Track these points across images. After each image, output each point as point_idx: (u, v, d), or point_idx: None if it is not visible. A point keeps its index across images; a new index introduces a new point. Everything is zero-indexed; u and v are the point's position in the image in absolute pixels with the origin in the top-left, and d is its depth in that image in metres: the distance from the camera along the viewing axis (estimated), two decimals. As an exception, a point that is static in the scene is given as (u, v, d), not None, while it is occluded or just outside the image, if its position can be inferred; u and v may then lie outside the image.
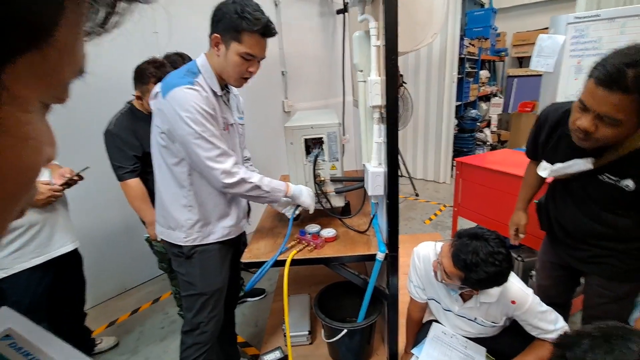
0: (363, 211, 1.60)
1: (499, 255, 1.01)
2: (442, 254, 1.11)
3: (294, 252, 1.30)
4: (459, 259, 1.03)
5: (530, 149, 1.36)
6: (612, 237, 1.16)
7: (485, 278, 1.01)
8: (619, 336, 0.66)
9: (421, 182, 4.52)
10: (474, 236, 1.06)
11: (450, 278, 1.08)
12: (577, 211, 1.20)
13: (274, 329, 1.79)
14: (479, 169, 2.17)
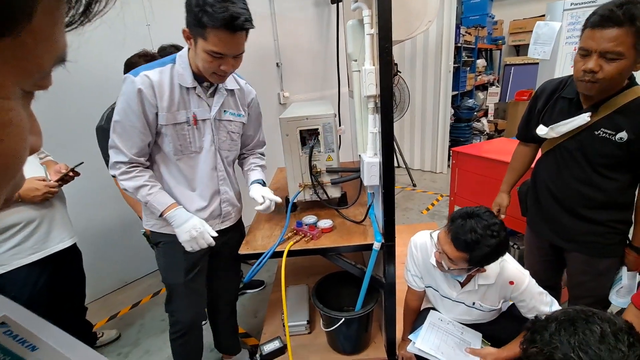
0: (359, 201, 1.61)
1: (494, 226, 1.04)
2: (442, 243, 1.12)
3: (291, 244, 1.31)
4: (459, 242, 1.04)
5: (522, 127, 1.44)
6: (598, 204, 1.23)
7: (489, 252, 1.03)
8: (583, 319, 0.69)
9: (418, 173, 4.53)
10: (467, 215, 1.07)
11: (456, 263, 1.09)
12: (569, 175, 1.26)
13: (273, 319, 1.81)
14: (475, 158, 2.18)
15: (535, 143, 1.43)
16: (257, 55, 2.99)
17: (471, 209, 1.10)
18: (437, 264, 1.19)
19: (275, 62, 3.26)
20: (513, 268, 1.19)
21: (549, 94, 1.30)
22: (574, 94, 1.22)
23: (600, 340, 0.65)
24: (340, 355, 1.57)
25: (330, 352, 1.59)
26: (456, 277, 1.21)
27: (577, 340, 0.66)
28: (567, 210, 1.30)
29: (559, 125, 1.22)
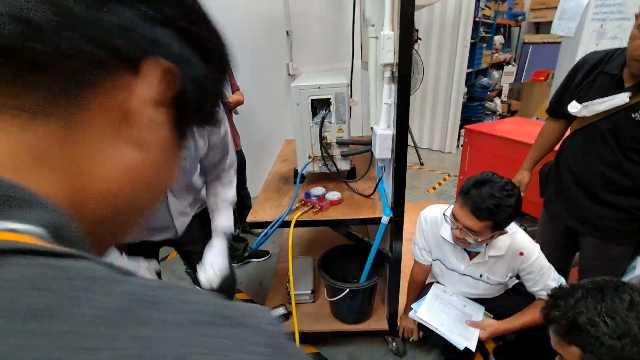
0: (369, 175, 1.59)
1: (508, 185, 1.04)
2: (461, 218, 1.09)
3: (299, 214, 1.30)
4: (481, 210, 1.03)
5: (555, 101, 1.36)
6: (623, 189, 1.19)
7: (512, 211, 1.03)
8: (612, 288, 0.68)
9: (426, 152, 4.47)
10: (479, 184, 1.06)
11: (481, 233, 1.08)
12: (596, 157, 1.22)
13: (278, 288, 1.85)
14: (488, 137, 2.13)
15: (566, 119, 1.36)
16: (265, 23, 2.87)
17: (479, 177, 1.09)
18: (458, 241, 1.17)
19: (285, 30, 3.14)
20: (524, 239, 1.19)
21: (591, 66, 1.21)
22: (617, 69, 1.14)
23: (629, 308, 0.65)
24: (342, 324, 1.61)
25: (333, 321, 1.63)
26: (476, 249, 1.20)
27: (605, 307, 0.66)
28: (588, 193, 1.27)
29: (593, 104, 1.16)
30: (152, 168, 0.25)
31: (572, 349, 0.69)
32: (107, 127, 0.21)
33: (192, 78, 0.24)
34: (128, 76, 0.21)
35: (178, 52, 0.23)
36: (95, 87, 0.20)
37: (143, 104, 0.22)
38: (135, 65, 0.21)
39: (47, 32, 0.17)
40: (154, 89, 0.22)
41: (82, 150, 0.20)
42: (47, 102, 0.18)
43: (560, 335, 0.72)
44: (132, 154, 0.23)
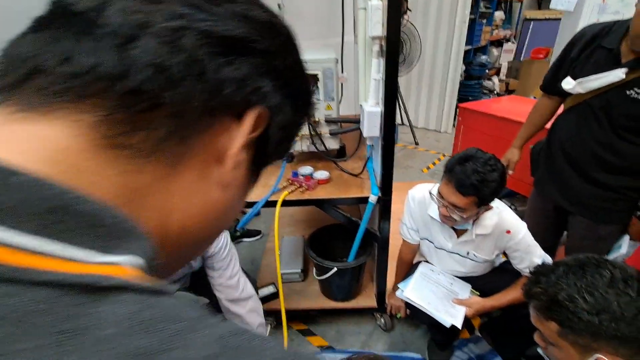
0: (358, 155, 1.56)
1: (491, 160, 1.04)
2: (446, 196, 1.08)
3: (286, 193, 1.29)
4: (467, 187, 1.02)
5: (550, 77, 1.32)
6: (614, 168, 1.18)
7: (496, 186, 1.02)
8: (594, 264, 0.68)
9: (422, 131, 4.42)
10: (462, 160, 1.05)
11: (467, 210, 1.07)
12: (588, 136, 1.20)
13: (269, 266, 1.86)
14: (483, 116, 2.09)
15: (560, 96, 1.32)
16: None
17: (463, 153, 1.08)
18: (445, 219, 1.16)
19: (277, 3, 3.01)
20: (511, 217, 1.19)
21: (588, 40, 1.17)
22: (615, 44, 1.09)
23: (609, 284, 0.65)
24: (331, 302, 1.63)
25: (323, 299, 1.65)
26: (463, 227, 1.20)
27: (585, 283, 0.66)
28: (579, 172, 1.26)
29: (588, 80, 1.12)
30: (228, 206, 0.26)
31: (551, 324, 0.70)
32: (203, 168, 0.22)
33: (280, 124, 0.25)
34: (230, 122, 0.22)
35: (275, 102, 0.24)
36: (203, 132, 0.21)
37: (238, 149, 0.23)
38: (240, 113, 0.22)
39: (175, 79, 0.19)
40: (249, 135, 0.23)
41: (177, 187, 0.21)
42: (160, 144, 0.19)
43: (540, 311, 0.72)
44: (216, 192, 0.24)
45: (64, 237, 0.15)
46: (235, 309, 1.19)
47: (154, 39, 0.18)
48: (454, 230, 1.25)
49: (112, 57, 0.18)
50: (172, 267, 0.26)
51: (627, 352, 0.63)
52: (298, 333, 1.66)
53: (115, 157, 0.18)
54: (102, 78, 0.17)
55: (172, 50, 0.18)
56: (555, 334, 0.69)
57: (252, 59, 0.22)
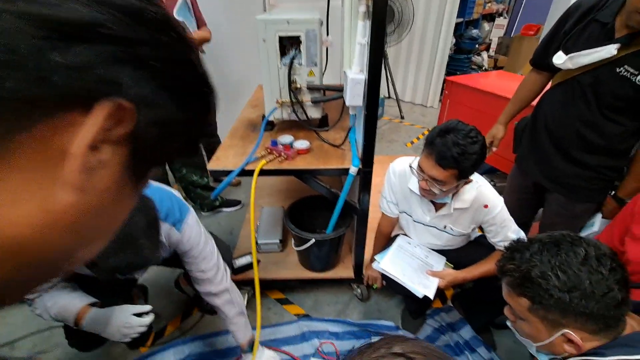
0: (340, 125, 1.51)
1: (472, 132, 1.02)
2: (427, 169, 1.07)
3: (263, 162, 1.24)
4: (447, 159, 1.00)
5: (540, 50, 1.29)
6: (595, 148, 1.19)
7: (476, 158, 1.01)
8: (568, 242, 0.68)
9: (408, 105, 4.37)
10: (443, 132, 1.03)
11: (447, 183, 1.06)
12: (573, 114, 1.20)
13: (247, 237, 1.84)
14: (470, 90, 2.05)
15: (549, 72, 1.30)
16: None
17: (444, 125, 1.05)
18: (425, 193, 1.15)
19: (262, -42, 2.79)
20: (489, 192, 1.19)
21: (583, 12, 1.13)
22: (610, 18, 1.06)
23: (583, 262, 0.65)
24: (309, 272, 1.64)
25: (301, 269, 1.66)
26: (443, 200, 1.19)
27: (558, 261, 0.66)
28: (560, 151, 1.26)
29: (579, 55, 1.10)
30: (93, 213, 0.22)
31: (522, 300, 0.71)
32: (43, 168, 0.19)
33: (153, 119, 0.22)
34: (76, 116, 0.19)
35: (142, 94, 0.21)
36: (35, 125, 0.18)
37: (88, 146, 0.20)
38: (86, 106, 0.19)
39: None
40: (103, 130, 0.20)
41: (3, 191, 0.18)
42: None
43: (512, 287, 0.73)
44: (65, 196, 0.20)
45: None
46: (211, 300, 1.16)
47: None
48: (432, 204, 1.25)
49: None
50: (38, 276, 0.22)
51: (593, 327, 0.65)
52: (276, 302, 1.68)
53: None
54: None
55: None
56: (526, 309, 0.70)
57: (99, 47, 0.19)
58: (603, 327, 0.64)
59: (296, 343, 1.47)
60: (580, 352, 0.66)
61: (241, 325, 1.21)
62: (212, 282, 1.13)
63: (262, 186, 2.27)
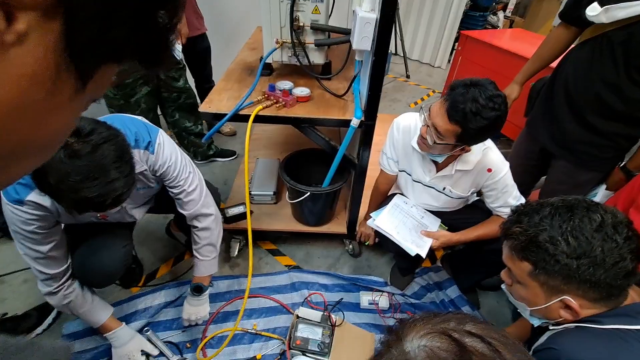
0: (344, 74, 1.42)
1: (498, 98, 0.93)
2: (434, 115, 1.00)
3: (260, 108, 1.16)
4: (457, 111, 0.93)
5: (572, 2, 1.17)
6: (613, 114, 1.13)
7: (484, 126, 0.94)
8: (584, 207, 0.64)
9: (415, 64, 4.17)
10: (470, 84, 0.95)
11: (444, 138, 1.00)
12: (597, 75, 1.11)
13: (240, 187, 1.80)
14: (485, 47, 1.91)
15: (578, 27, 1.19)
16: None
17: (476, 78, 0.96)
18: (420, 142, 1.09)
19: None
20: (495, 156, 1.14)
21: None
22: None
23: (597, 229, 0.61)
24: (302, 226, 1.63)
25: (294, 222, 1.64)
26: (435, 157, 1.14)
27: (571, 226, 0.63)
28: (576, 115, 1.20)
29: (616, 8, 0.99)
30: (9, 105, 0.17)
31: (524, 264, 0.68)
32: None
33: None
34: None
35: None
36: None
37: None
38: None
39: None
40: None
41: None
42: None
43: (515, 251, 0.69)
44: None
45: None
46: (194, 222, 1.16)
47: None
48: (434, 163, 1.20)
49: None
50: None
51: (595, 295, 0.63)
52: (267, 252, 1.69)
53: None
54: None
55: None
56: (526, 273, 0.68)
57: None
58: (605, 295, 0.62)
59: (286, 292, 1.49)
60: (577, 319, 0.65)
61: (208, 259, 1.20)
62: (199, 202, 1.13)
63: (258, 138, 2.19)
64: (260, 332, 1.33)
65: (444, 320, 0.40)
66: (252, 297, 1.45)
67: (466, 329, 0.37)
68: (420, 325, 0.40)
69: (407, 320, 0.42)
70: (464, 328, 0.38)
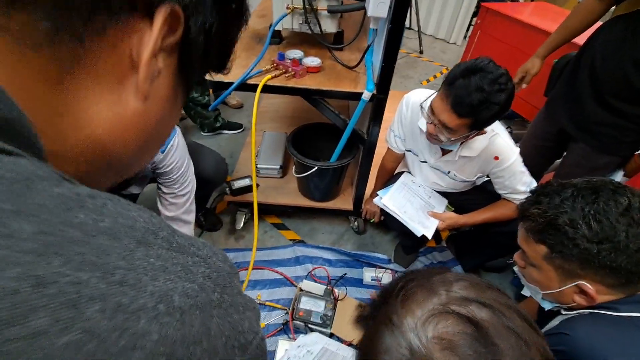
0: (356, 45, 1.35)
1: (502, 77, 0.87)
2: (438, 112, 0.94)
3: (268, 77, 1.11)
4: (464, 106, 0.88)
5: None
6: (638, 96, 1.07)
7: (498, 110, 0.88)
8: (610, 190, 0.61)
9: (429, 39, 4.01)
10: (468, 72, 0.88)
11: (456, 133, 0.95)
12: (627, 53, 1.05)
13: (247, 160, 1.79)
14: (507, 20, 1.81)
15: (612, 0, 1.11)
16: None
17: (471, 62, 0.89)
18: (430, 137, 1.05)
19: None
20: (503, 143, 1.08)
21: None
22: None
23: (623, 213, 0.58)
24: (308, 201, 1.62)
25: (299, 197, 1.63)
26: (448, 147, 1.10)
27: (594, 209, 0.60)
28: (599, 95, 1.14)
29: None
30: (154, 120, 0.24)
31: (540, 247, 0.66)
32: (114, 76, 0.21)
33: (198, 26, 0.23)
34: (139, 23, 0.20)
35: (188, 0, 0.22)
36: (102, 32, 0.19)
37: (152, 51, 0.21)
38: (148, 12, 0.20)
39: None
40: (163, 37, 0.21)
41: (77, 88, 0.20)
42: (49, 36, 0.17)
43: (531, 232, 0.67)
44: (135, 104, 0.22)
45: None
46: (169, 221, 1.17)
47: None
48: (440, 147, 1.16)
49: None
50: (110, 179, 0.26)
51: (612, 281, 0.60)
52: (272, 226, 1.69)
53: None
54: None
55: None
56: (541, 256, 0.66)
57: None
58: (624, 282, 0.60)
59: (290, 265, 1.51)
60: (592, 305, 0.63)
61: None
62: (182, 208, 1.15)
63: (265, 111, 2.15)
64: (264, 302, 1.35)
65: (435, 292, 0.36)
66: (257, 268, 1.46)
67: (462, 295, 0.34)
68: (415, 306, 0.35)
69: (394, 297, 0.37)
70: (458, 295, 0.35)
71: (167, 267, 0.15)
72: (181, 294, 0.15)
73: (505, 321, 0.32)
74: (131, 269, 0.14)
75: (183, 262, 0.16)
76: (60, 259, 0.13)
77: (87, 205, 0.15)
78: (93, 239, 0.14)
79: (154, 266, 0.15)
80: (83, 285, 0.13)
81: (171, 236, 0.17)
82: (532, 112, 1.79)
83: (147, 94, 0.22)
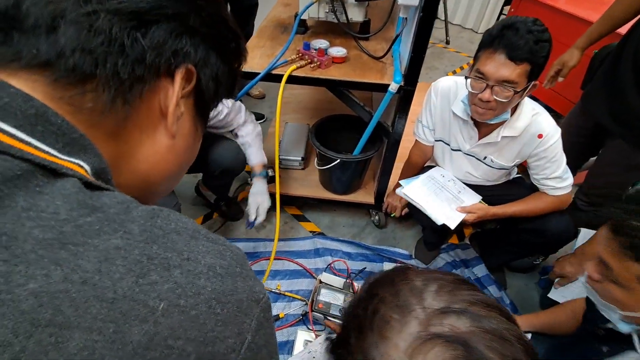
0: (383, 35, 1.32)
1: (537, 20, 0.88)
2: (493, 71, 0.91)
3: (294, 67, 1.10)
4: (521, 49, 0.86)
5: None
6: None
7: (549, 49, 0.89)
8: None
9: (456, 29, 3.86)
10: (509, 25, 0.88)
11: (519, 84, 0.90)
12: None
13: (268, 151, 1.78)
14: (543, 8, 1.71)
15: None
16: None
17: (503, 20, 0.91)
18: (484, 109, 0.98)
19: None
20: (547, 121, 1.04)
21: None
22: None
23: None
24: (329, 193, 1.61)
25: (320, 189, 1.63)
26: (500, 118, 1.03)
27: None
28: None
29: None
30: (183, 150, 0.33)
31: (635, 266, 0.56)
32: (151, 124, 0.29)
33: (209, 75, 0.31)
34: (165, 82, 0.28)
35: (199, 57, 0.29)
36: (142, 95, 0.27)
37: (175, 103, 0.29)
38: (170, 74, 0.28)
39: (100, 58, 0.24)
40: (182, 89, 0.29)
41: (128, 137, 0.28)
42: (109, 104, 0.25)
43: (627, 248, 0.57)
44: (167, 142, 0.31)
45: (39, 135, 0.22)
46: None
47: (72, 26, 0.23)
48: (477, 128, 1.11)
49: (45, 46, 0.22)
50: (150, 200, 0.33)
51: None
52: (292, 217, 1.70)
53: (74, 111, 0.24)
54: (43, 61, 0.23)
55: (91, 34, 0.23)
56: (635, 277, 0.57)
57: (164, 25, 0.26)
58: None
59: (310, 257, 1.51)
60: None
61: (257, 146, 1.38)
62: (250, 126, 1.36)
63: (287, 102, 2.14)
64: (284, 292, 1.37)
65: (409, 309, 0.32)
66: (277, 259, 1.48)
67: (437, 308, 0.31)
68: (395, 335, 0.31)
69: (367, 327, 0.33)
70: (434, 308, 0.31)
71: (210, 251, 0.24)
72: (220, 266, 0.24)
73: (487, 324, 0.30)
74: (191, 251, 0.23)
75: (217, 249, 0.25)
76: (156, 247, 0.22)
77: (160, 215, 0.24)
78: (168, 235, 0.23)
79: (201, 250, 0.24)
80: (169, 259, 0.22)
81: (207, 233, 0.26)
82: (566, 107, 1.70)
83: (175, 132, 0.30)
